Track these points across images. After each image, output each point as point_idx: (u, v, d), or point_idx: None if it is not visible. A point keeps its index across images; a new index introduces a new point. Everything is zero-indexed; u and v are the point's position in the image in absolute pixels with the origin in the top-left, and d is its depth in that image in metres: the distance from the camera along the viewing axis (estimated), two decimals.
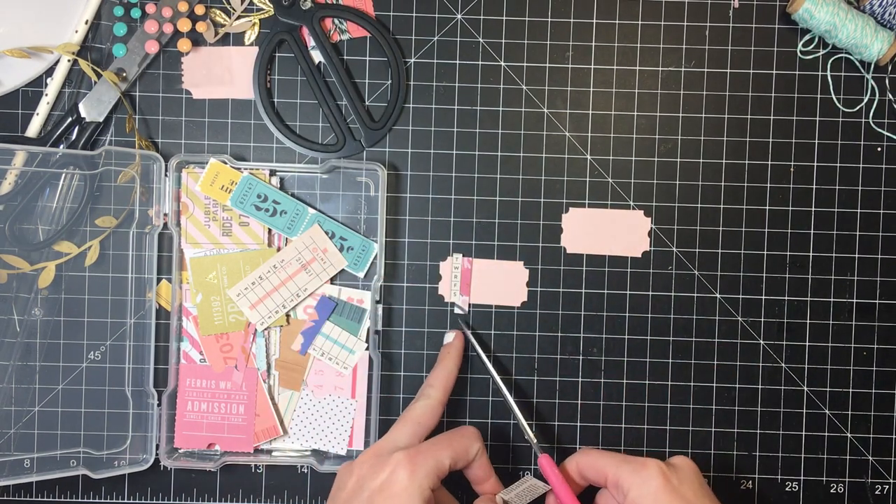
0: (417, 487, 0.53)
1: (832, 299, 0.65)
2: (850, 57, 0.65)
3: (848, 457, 0.65)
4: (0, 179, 0.62)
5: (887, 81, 0.65)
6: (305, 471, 0.65)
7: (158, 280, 0.64)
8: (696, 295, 0.65)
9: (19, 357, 0.64)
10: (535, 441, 0.60)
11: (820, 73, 0.65)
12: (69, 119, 0.63)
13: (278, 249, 0.64)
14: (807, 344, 0.65)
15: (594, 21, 0.65)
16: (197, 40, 0.64)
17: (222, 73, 0.64)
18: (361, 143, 0.65)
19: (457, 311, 0.65)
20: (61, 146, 0.63)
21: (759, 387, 0.65)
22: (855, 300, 0.65)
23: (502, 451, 0.65)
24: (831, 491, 0.65)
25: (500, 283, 0.65)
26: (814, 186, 0.65)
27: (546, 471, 0.59)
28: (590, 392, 0.65)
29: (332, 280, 0.64)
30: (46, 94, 0.63)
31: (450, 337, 0.64)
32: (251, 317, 0.63)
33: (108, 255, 0.64)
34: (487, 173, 0.65)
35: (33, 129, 0.63)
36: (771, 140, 0.65)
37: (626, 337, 0.65)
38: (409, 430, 0.58)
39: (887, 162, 0.65)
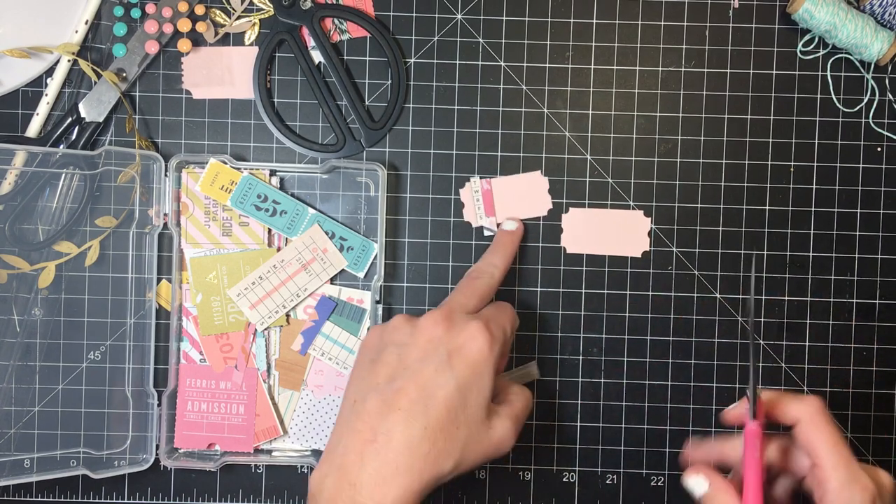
0: (493, 357, 0.55)
1: (832, 299, 0.65)
2: (850, 57, 0.65)
3: None
4: (0, 179, 0.62)
5: (887, 81, 0.65)
6: (305, 471, 0.65)
7: (158, 280, 0.64)
8: (696, 295, 0.65)
9: (19, 357, 0.64)
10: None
11: (820, 73, 0.65)
12: (69, 119, 0.63)
13: (278, 249, 0.64)
14: (807, 344, 0.65)
15: (594, 21, 0.65)
16: (197, 40, 0.64)
17: (222, 73, 0.64)
18: (361, 143, 0.65)
19: (486, 233, 0.64)
20: (61, 146, 0.63)
21: (760, 387, 0.65)
22: (855, 300, 0.65)
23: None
24: None
25: (524, 196, 0.64)
26: (814, 186, 0.65)
27: (748, 442, 0.51)
28: (590, 392, 0.65)
29: (332, 280, 0.64)
30: (46, 94, 0.63)
31: (511, 225, 0.63)
32: (251, 317, 0.63)
33: (108, 255, 0.64)
34: (487, 173, 0.65)
35: (33, 129, 0.63)
36: (771, 140, 0.65)
37: (626, 337, 0.65)
38: (475, 301, 0.58)
39: (887, 162, 0.65)
